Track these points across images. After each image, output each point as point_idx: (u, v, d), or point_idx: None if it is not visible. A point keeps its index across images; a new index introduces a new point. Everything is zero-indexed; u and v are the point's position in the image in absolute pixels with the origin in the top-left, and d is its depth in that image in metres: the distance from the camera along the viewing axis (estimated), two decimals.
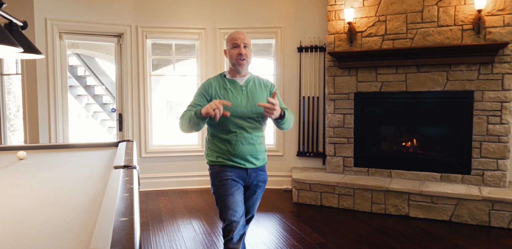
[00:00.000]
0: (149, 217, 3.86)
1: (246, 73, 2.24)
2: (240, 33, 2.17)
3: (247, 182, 2.23)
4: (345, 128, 4.48)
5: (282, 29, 4.90)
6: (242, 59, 2.13)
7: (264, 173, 2.30)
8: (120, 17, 4.70)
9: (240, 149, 2.13)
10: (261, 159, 2.25)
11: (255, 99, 2.16)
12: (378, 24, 4.24)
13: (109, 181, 1.72)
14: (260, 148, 2.21)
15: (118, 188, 1.56)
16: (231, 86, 2.18)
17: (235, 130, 2.13)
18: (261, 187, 2.30)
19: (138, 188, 2.08)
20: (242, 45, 2.13)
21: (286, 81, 4.96)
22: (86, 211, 1.38)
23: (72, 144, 3.13)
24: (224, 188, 2.15)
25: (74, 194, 1.62)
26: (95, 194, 1.62)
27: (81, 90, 8.50)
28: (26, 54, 2.46)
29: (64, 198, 1.57)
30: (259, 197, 2.34)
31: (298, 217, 3.88)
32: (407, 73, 4.15)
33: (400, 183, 4.03)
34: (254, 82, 2.23)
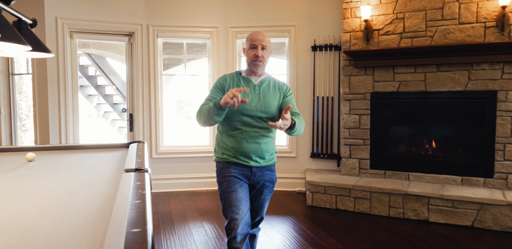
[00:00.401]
0: (160, 219, 3.77)
1: (262, 73, 2.22)
2: (260, 34, 2.13)
3: (252, 181, 2.19)
4: (361, 128, 4.34)
5: (295, 27, 4.79)
6: (258, 61, 2.11)
7: (271, 173, 2.26)
8: (131, 15, 4.63)
9: (244, 146, 2.12)
10: (268, 159, 2.21)
11: (266, 100, 2.14)
12: (396, 21, 4.10)
13: (120, 186, 1.63)
14: (267, 148, 2.18)
15: (130, 194, 1.47)
16: (245, 84, 2.17)
17: (241, 127, 2.12)
18: (269, 187, 2.26)
19: (150, 192, 1.99)
20: (260, 46, 2.11)
21: (299, 81, 4.85)
22: (96, 219, 1.29)
23: (82, 145, 3.06)
24: (227, 184, 2.14)
25: (83, 200, 1.53)
26: (105, 199, 1.53)
27: (91, 90, 8.48)
28: (36, 53, 2.39)
29: (72, 204, 1.48)
30: (267, 198, 2.29)
31: (312, 221, 3.76)
32: (427, 72, 4.00)
33: (419, 186, 3.88)
34: (268, 83, 2.21)
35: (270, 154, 2.22)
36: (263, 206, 2.30)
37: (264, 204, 2.29)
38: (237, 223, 2.07)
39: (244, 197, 2.14)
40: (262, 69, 2.18)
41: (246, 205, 2.13)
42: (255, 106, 2.11)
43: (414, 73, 4.06)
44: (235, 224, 2.07)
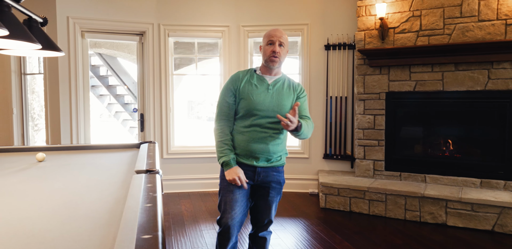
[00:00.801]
0: (171, 221, 3.72)
1: (277, 72, 2.17)
2: (278, 31, 2.11)
3: (256, 181, 2.15)
4: (375, 129, 4.24)
5: (308, 26, 4.70)
6: (275, 56, 2.07)
7: (278, 174, 2.20)
8: (142, 15, 4.60)
9: (250, 145, 2.09)
10: (274, 160, 2.16)
11: (279, 100, 2.10)
12: (412, 19, 3.99)
13: (131, 188, 1.57)
14: (275, 149, 2.12)
15: (140, 197, 1.41)
16: (258, 83, 2.12)
17: (251, 126, 2.09)
18: (276, 189, 2.20)
19: (162, 194, 1.93)
20: (278, 43, 2.08)
21: (312, 81, 4.76)
22: (105, 224, 1.23)
23: (93, 145, 3.02)
24: (226, 183, 2.14)
25: (93, 203, 1.48)
26: (115, 202, 1.48)
27: (103, 90, 8.50)
28: (46, 52, 2.35)
29: (81, 207, 1.42)
30: (274, 200, 2.22)
31: (326, 224, 3.67)
32: (444, 71, 3.88)
33: (436, 188, 3.77)
34: (283, 83, 2.16)
35: (278, 156, 2.17)
36: (271, 208, 2.22)
37: (271, 206, 2.22)
38: (227, 221, 2.11)
39: (241, 198, 2.13)
40: (278, 67, 2.13)
41: (240, 206, 2.13)
42: (268, 106, 2.07)
43: (431, 73, 3.94)
44: (226, 222, 2.11)
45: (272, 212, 2.24)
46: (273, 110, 2.07)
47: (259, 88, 2.10)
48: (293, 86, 2.18)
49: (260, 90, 2.09)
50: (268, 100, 2.08)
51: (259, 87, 2.10)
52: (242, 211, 2.14)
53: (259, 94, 2.08)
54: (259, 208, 2.22)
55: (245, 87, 2.10)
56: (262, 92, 2.09)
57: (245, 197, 2.16)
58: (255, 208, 2.24)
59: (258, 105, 2.06)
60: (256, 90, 2.09)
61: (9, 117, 4.60)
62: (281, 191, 2.25)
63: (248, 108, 2.07)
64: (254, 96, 2.07)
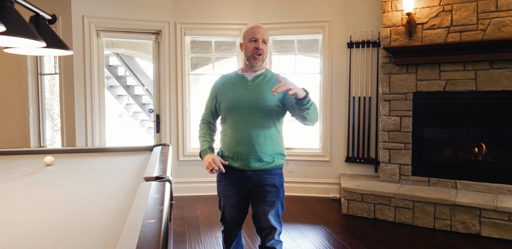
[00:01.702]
0: (185, 226, 3.58)
1: (259, 69, 2.11)
2: (260, 27, 2.07)
3: (248, 185, 2.06)
4: (401, 131, 3.99)
5: (330, 23, 4.49)
6: (258, 54, 2.01)
7: (272, 176, 2.05)
8: (158, 13, 4.48)
9: (235, 147, 2.02)
10: (266, 162, 2.02)
11: (259, 94, 2.00)
12: (442, 14, 3.73)
13: (136, 199, 1.42)
14: (263, 149, 2.00)
15: (144, 211, 1.25)
16: (237, 81, 2.08)
17: (234, 126, 2.03)
18: (272, 193, 2.04)
19: (171, 204, 1.77)
20: (261, 40, 2.02)
21: (334, 80, 4.54)
22: (101, 243, 1.08)
23: (105, 147, 2.91)
24: (221, 188, 2.13)
25: (93, 216, 1.33)
26: (117, 215, 1.33)
27: (121, 90, 8.48)
28: (54, 50, 2.24)
29: (80, 220, 1.28)
30: (272, 206, 2.04)
31: (349, 232, 3.46)
32: (477, 70, 3.61)
33: (468, 196, 3.50)
34: (264, 77, 2.08)
35: (269, 156, 2.02)
36: (270, 213, 2.04)
37: (269, 211, 2.04)
38: (225, 222, 2.19)
39: (236, 202, 2.11)
40: (261, 65, 2.07)
41: (237, 210, 2.13)
42: (247, 102, 2.00)
43: (463, 71, 3.68)
44: (225, 222, 2.20)
45: (273, 218, 2.05)
46: (254, 105, 1.99)
47: (238, 86, 2.06)
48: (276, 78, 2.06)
49: (239, 87, 2.05)
50: (248, 95, 2.01)
51: (238, 85, 2.06)
52: (240, 212, 2.15)
53: (237, 90, 2.03)
54: (258, 214, 2.07)
55: (225, 88, 2.09)
56: (241, 88, 2.04)
57: (242, 201, 2.13)
58: (255, 216, 2.10)
59: (237, 102, 2.01)
60: (235, 87, 2.05)
61: (25, 118, 4.56)
62: (280, 195, 2.08)
63: (228, 107, 2.03)
64: (232, 93, 2.04)
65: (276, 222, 2.07)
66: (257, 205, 2.07)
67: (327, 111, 4.57)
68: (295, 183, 4.68)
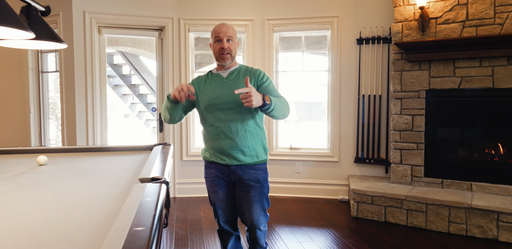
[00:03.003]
0: (188, 229, 3.45)
1: (232, 65, 2.13)
2: (224, 26, 2.09)
3: (233, 179, 2.10)
4: (414, 131, 3.82)
5: (339, 18, 4.33)
6: (225, 53, 2.03)
7: (257, 172, 2.09)
8: (162, 9, 4.36)
9: (218, 143, 2.05)
10: (249, 156, 2.06)
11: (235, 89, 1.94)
12: (457, 8, 3.56)
13: (126, 202, 1.28)
14: (244, 143, 2.04)
15: (133, 216, 1.12)
16: (213, 80, 2.11)
17: (214, 123, 2.06)
18: (255, 188, 2.08)
19: (168, 207, 1.64)
20: (225, 39, 2.04)
21: (343, 78, 4.38)
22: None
23: (103, 147, 2.79)
24: (209, 184, 2.17)
25: (78, 221, 1.20)
26: (104, 221, 1.19)
27: (126, 89, 8.38)
28: (46, 43, 2.11)
29: (63, 227, 1.15)
30: (256, 200, 2.09)
31: (358, 235, 3.30)
32: (495, 66, 3.44)
33: (485, 198, 3.33)
34: (239, 73, 2.10)
35: (251, 151, 2.06)
36: (253, 209, 2.08)
37: (253, 206, 2.08)
38: (219, 218, 2.20)
39: (225, 196, 2.14)
40: (231, 62, 2.09)
41: (227, 204, 2.15)
42: (224, 99, 2.02)
43: (479, 68, 3.50)
44: (218, 220, 2.21)
45: (257, 214, 2.09)
46: (231, 101, 2.01)
47: (213, 84, 2.09)
48: (250, 73, 2.09)
49: (214, 85, 2.08)
50: (225, 92, 2.03)
51: (213, 83, 2.09)
52: (230, 207, 2.16)
53: (214, 89, 2.06)
54: (242, 209, 2.12)
55: (201, 88, 2.11)
56: (217, 86, 2.07)
57: (230, 194, 2.15)
58: (239, 210, 2.15)
59: (214, 99, 2.03)
60: (211, 86, 2.08)
61: (26, 116, 4.46)
62: (265, 191, 2.12)
63: (206, 105, 2.05)
64: (209, 92, 2.06)
65: (261, 216, 2.12)
66: (241, 200, 2.11)
67: (336, 110, 4.41)
68: (302, 184, 4.53)
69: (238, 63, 2.17)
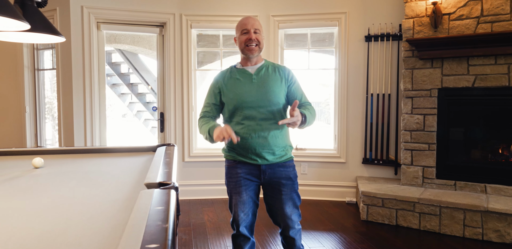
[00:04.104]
0: (192, 233, 3.30)
1: (258, 60, 2.07)
2: (250, 18, 2.03)
3: (263, 179, 2.05)
4: (425, 131, 3.69)
5: (347, 14, 4.19)
6: (253, 44, 1.98)
7: (286, 169, 2.06)
8: (163, 4, 4.20)
9: (249, 143, 1.98)
10: (278, 155, 2.03)
11: (266, 88, 2.00)
12: (471, 3, 3.43)
13: (134, 212, 1.13)
14: (275, 142, 2.01)
15: (144, 230, 0.97)
16: (240, 76, 2.04)
17: (244, 122, 1.99)
18: (287, 185, 2.05)
19: (177, 215, 1.49)
20: (252, 30, 1.98)
21: (350, 76, 4.24)
22: None
23: (103, 148, 2.63)
24: (233, 185, 2.07)
25: (78, 235, 1.04)
26: (109, 234, 1.04)
27: (124, 88, 8.21)
28: (42, 36, 1.96)
29: (61, 242, 0.99)
30: (288, 198, 2.06)
31: (370, 240, 3.16)
32: (511, 64, 3.31)
33: (501, 201, 3.19)
34: (267, 69, 2.06)
35: (281, 149, 2.04)
36: (288, 207, 2.06)
37: (287, 205, 2.06)
38: (238, 223, 2.07)
39: (248, 199, 2.05)
40: (258, 55, 2.03)
41: (249, 207, 2.06)
42: (255, 96, 1.97)
43: (495, 65, 3.37)
44: (237, 224, 2.07)
45: (290, 212, 2.07)
46: (263, 99, 1.98)
47: (242, 81, 2.02)
48: (278, 70, 2.07)
49: (243, 82, 2.01)
50: (255, 90, 1.99)
51: (242, 80, 2.02)
52: (251, 212, 2.08)
53: (243, 86, 2.00)
54: (275, 209, 2.08)
55: (228, 84, 2.04)
56: (246, 83, 2.01)
57: (254, 197, 2.08)
58: (271, 210, 2.11)
59: (245, 97, 1.98)
60: (240, 83, 2.02)
61: (21, 116, 4.29)
62: (296, 188, 2.09)
63: (236, 103, 1.99)
64: (238, 89, 2.00)
65: (294, 214, 2.08)
66: (273, 200, 2.07)
67: (343, 109, 4.27)
68: (309, 186, 4.38)
69: (264, 59, 2.12)
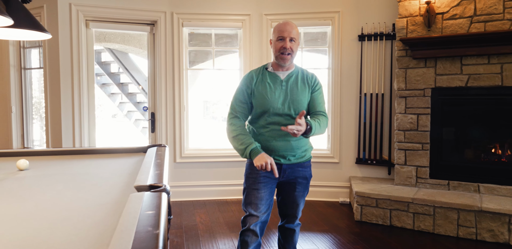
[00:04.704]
0: (184, 236, 3.23)
1: (290, 67, 2.11)
2: (288, 25, 2.02)
3: (281, 178, 2.12)
4: (419, 131, 3.67)
5: (340, 14, 4.16)
6: (286, 53, 2.00)
7: (304, 169, 2.16)
8: (154, 2, 4.12)
9: (273, 145, 2.04)
10: (299, 156, 2.11)
11: (294, 96, 2.04)
12: (464, 3, 3.42)
13: (122, 217, 1.07)
14: (298, 144, 2.08)
15: (133, 237, 0.91)
16: (271, 81, 2.07)
17: (269, 126, 2.05)
18: (302, 184, 2.17)
19: (169, 219, 1.43)
20: (288, 38, 2.00)
21: (343, 76, 4.21)
22: None
23: (92, 149, 2.55)
24: (252, 181, 2.10)
25: (64, 241, 0.98)
26: (96, 241, 0.98)
27: (114, 88, 8.10)
28: (27, 32, 1.88)
29: (47, 248, 0.93)
30: (301, 195, 2.19)
31: (364, 241, 3.13)
32: (504, 63, 3.30)
33: (494, 201, 3.19)
34: (296, 77, 2.10)
35: (302, 151, 2.12)
36: (298, 203, 2.20)
37: (298, 201, 2.20)
38: (252, 220, 2.07)
39: (266, 196, 2.09)
40: (290, 63, 2.07)
41: (265, 204, 2.09)
42: (283, 103, 2.03)
43: (488, 65, 3.36)
44: (251, 221, 2.07)
45: (300, 207, 2.22)
46: (289, 107, 2.03)
47: (272, 86, 2.05)
48: (307, 79, 2.11)
49: (273, 87, 2.05)
50: (283, 97, 2.04)
51: (272, 85, 2.06)
52: (267, 210, 2.10)
53: (273, 91, 2.04)
54: (286, 202, 2.21)
55: (259, 86, 2.07)
56: (276, 89, 2.05)
57: (270, 195, 2.11)
58: (282, 202, 2.23)
59: (273, 103, 2.02)
60: (270, 88, 2.05)
61: (7, 116, 4.18)
62: (308, 186, 2.23)
63: (264, 107, 2.03)
64: (268, 94, 2.03)
65: (300, 210, 2.23)
66: (286, 195, 2.18)
67: (336, 109, 4.24)
68: None
69: (294, 64, 2.14)
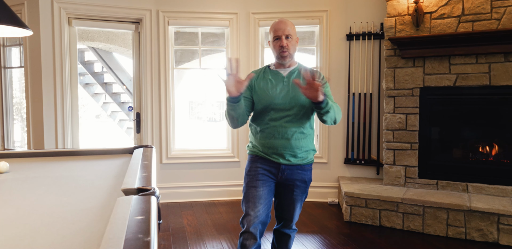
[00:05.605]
0: (171, 239, 3.15)
1: (291, 64, 2.10)
2: (282, 23, 2.02)
3: (279, 178, 2.07)
4: (407, 130, 3.67)
5: (328, 13, 4.13)
6: (284, 51, 2.00)
7: (305, 172, 2.09)
8: (139, 0, 4.03)
9: (272, 142, 2.01)
10: (300, 157, 2.05)
11: (295, 92, 2.00)
12: (452, 2, 3.43)
13: (110, 223, 1.00)
14: (298, 144, 2.02)
15: (122, 245, 0.84)
16: (273, 77, 2.06)
17: (270, 122, 2.02)
18: (300, 187, 2.10)
19: (159, 223, 1.36)
20: (284, 36, 1.99)
21: (332, 75, 4.19)
22: None
23: (76, 150, 2.46)
24: (251, 178, 2.07)
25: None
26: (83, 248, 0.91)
27: (98, 88, 7.93)
28: (7, 29, 1.79)
29: None
30: (298, 199, 2.12)
31: (354, 242, 3.11)
32: (492, 63, 3.32)
33: (483, 200, 3.20)
34: (299, 73, 2.07)
35: (303, 152, 2.05)
36: (295, 207, 2.13)
37: (295, 204, 2.13)
38: (250, 219, 2.02)
39: (265, 195, 2.04)
40: (290, 60, 2.06)
41: (264, 203, 2.03)
42: (284, 98, 1.99)
43: (476, 64, 3.38)
44: (249, 220, 2.02)
45: (296, 211, 2.16)
46: (290, 103, 1.99)
47: (274, 82, 2.04)
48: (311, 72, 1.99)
49: (275, 83, 2.03)
50: (284, 92, 2.00)
51: (273, 81, 2.04)
52: (265, 209, 2.04)
53: (274, 87, 2.02)
54: (282, 205, 2.16)
55: (260, 83, 2.05)
56: (277, 85, 2.03)
57: (269, 194, 2.07)
58: (279, 205, 2.18)
59: (274, 99, 1.99)
60: (271, 83, 2.03)
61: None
62: (307, 190, 2.16)
63: (265, 103, 2.01)
64: (269, 90, 2.01)
65: (297, 214, 2.16)
66: (284, 198, 2.12)
67: None
68: None
69: (297, 62, 2.13)
